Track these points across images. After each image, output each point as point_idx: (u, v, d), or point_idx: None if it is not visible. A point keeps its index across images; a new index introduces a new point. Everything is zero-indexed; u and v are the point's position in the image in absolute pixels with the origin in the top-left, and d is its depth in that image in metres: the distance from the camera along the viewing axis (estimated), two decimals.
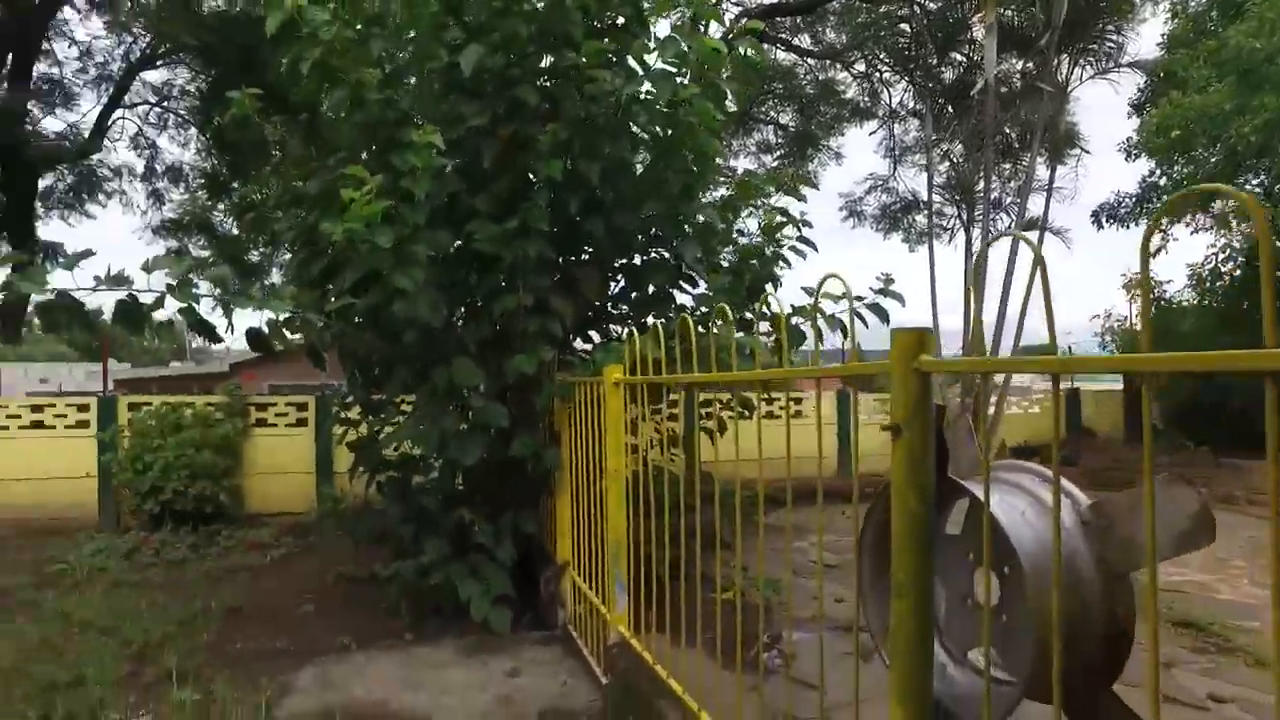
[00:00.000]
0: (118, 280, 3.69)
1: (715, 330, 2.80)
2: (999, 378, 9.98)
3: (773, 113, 17.00)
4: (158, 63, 14.82)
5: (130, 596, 5.44)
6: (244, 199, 14.83)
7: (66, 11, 13.89)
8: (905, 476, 1.43)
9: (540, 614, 4.87)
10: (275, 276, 16.05)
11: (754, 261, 5.38)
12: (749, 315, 5.05)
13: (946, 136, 13.36)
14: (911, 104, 14.79)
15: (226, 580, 5.97)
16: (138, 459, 7.34)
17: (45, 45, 14.19)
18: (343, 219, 3.90)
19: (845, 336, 5.22)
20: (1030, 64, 12.03)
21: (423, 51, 4.83)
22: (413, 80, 5.06)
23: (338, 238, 3.92)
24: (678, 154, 4.86)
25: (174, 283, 3.82)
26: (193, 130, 15.90)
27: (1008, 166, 13.72)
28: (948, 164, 14.31)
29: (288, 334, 4.44)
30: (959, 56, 13.07)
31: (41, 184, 14.77)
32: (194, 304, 3.88)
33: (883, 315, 4.92)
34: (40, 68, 14.26)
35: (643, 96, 4.81)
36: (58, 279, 3.58)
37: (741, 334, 4.54)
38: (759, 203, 5.64)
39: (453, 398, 4.76)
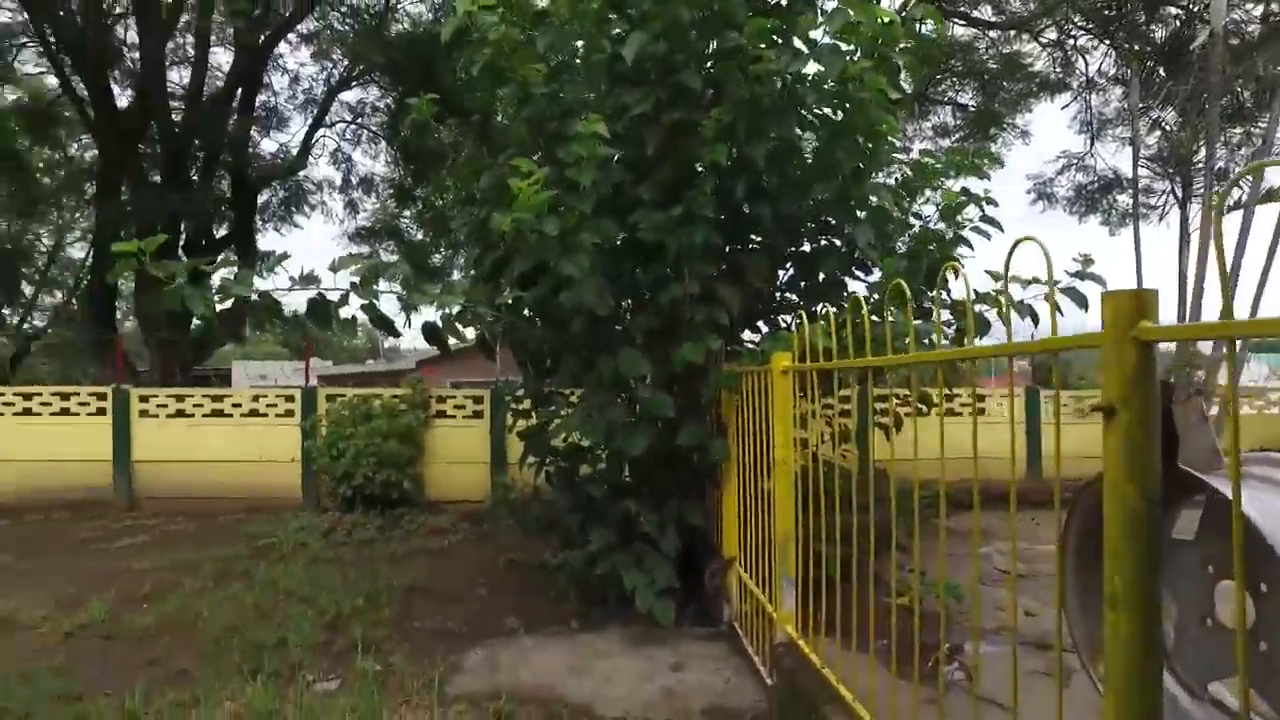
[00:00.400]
0: (308, 280, 4.01)
1: (890, 316, 2.60)
2: (1222, 374, 8.75)
3: (951, 92, 15.95)
4: (352, 84, 16.19)
5: (326, 571, 5.91)
6: (425, 203, 15.93)
7: (280, 45, 15.47)
8: (1122, 466, 1.19)
9: (704, 608, 4.78)
10: (456, 278, 17.06)
11: (932, 246, 5.01)
12: (928, 304, 4.71)
13: (1157, 103, 11.90)
14: (1112, 70, 13.34)
15: (408, 561, 6.34)
16: (333, 446, 7.99)
17: (264, 78, 15.89)
18: (511, 210, 4.00)
19: (1037, 324, 4.75)
20: (1274, 5, 10.44)
21: (586, 45, 4.88)
22: (577, 75, 5.13)
23: (506, 228, 4.02)
24: (848, 134, 4.60)
25: (357, 281, 4.09)
26: (382, 144, 17.24)
27: (1237, 131, 12.02)
28: (1158, 134, 12.76)
29: (460, 327, 4.63)
30: (1173, 10, 11.62)
31: (259, 199, 16.56)
32: (375, 300, 4.13)
33: (1080, 301, 4.42)
34: (259, 97, 15.98)
35: (810, 76, 4.60)
36: (264, 282, 3.94)
37: (920, 321, 4.23)
38: (937, 184, 5.25)
39: (619, 388, 4.78)
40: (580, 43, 5.01)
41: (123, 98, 14.17)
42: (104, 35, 13.36)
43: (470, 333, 4.92)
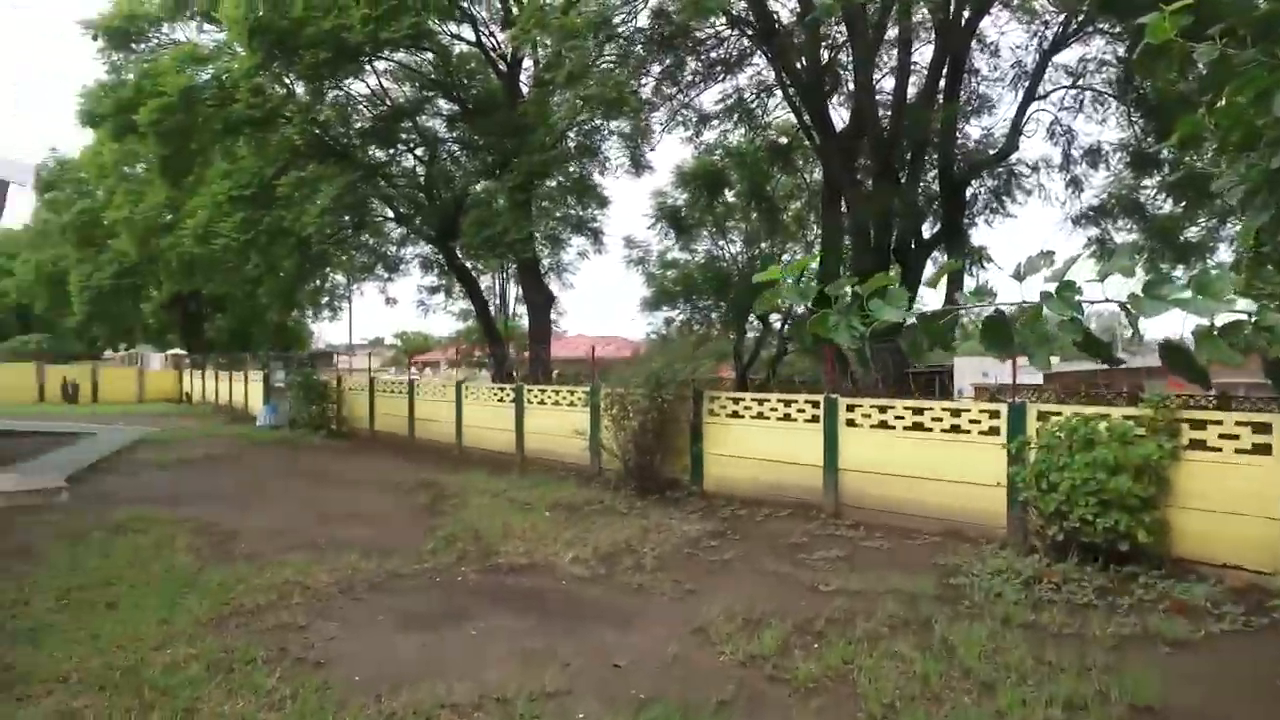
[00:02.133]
0: (980, 294, 2.96)
1: None
2: None
3: None
4: (1070, 41, 14.02)
5: (1018, 644, 4.66)
6: (1173, 164, 12.79)
7: (982, 22, 14.44)
8: None
9: None
10: (1224, 256, 13.46)
11: None
12: None
13: None
14: None
15: (1137, 651, 4.66)
16: (1042, 476, 6.61)
17: (967, 61, 15.10)
18: None
19: None
20: None
21: None
22: None
23: None
24: None
25: (1050, 290, 2.85)
26: (1110, 104, 14.59)
27: None
28: None
29: (1229, 348, 2.92)
30: None
31: (966, 192, 15.82)
32: (1078, 314, 2.82)
33: None
34: (961, 84, 15.24)
35: None
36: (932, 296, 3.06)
37: None
38: None
39: None
40: None
41: (839, 120, 15.21)
42: (824, 70, 14.48)
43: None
